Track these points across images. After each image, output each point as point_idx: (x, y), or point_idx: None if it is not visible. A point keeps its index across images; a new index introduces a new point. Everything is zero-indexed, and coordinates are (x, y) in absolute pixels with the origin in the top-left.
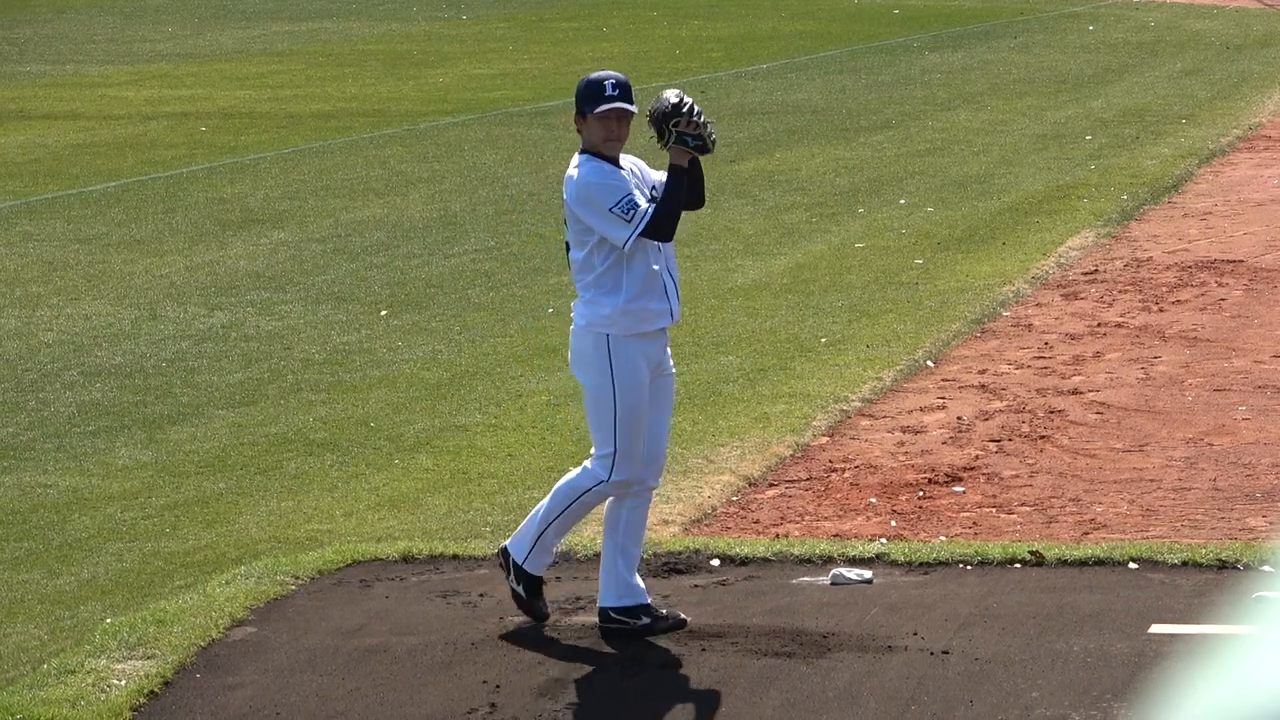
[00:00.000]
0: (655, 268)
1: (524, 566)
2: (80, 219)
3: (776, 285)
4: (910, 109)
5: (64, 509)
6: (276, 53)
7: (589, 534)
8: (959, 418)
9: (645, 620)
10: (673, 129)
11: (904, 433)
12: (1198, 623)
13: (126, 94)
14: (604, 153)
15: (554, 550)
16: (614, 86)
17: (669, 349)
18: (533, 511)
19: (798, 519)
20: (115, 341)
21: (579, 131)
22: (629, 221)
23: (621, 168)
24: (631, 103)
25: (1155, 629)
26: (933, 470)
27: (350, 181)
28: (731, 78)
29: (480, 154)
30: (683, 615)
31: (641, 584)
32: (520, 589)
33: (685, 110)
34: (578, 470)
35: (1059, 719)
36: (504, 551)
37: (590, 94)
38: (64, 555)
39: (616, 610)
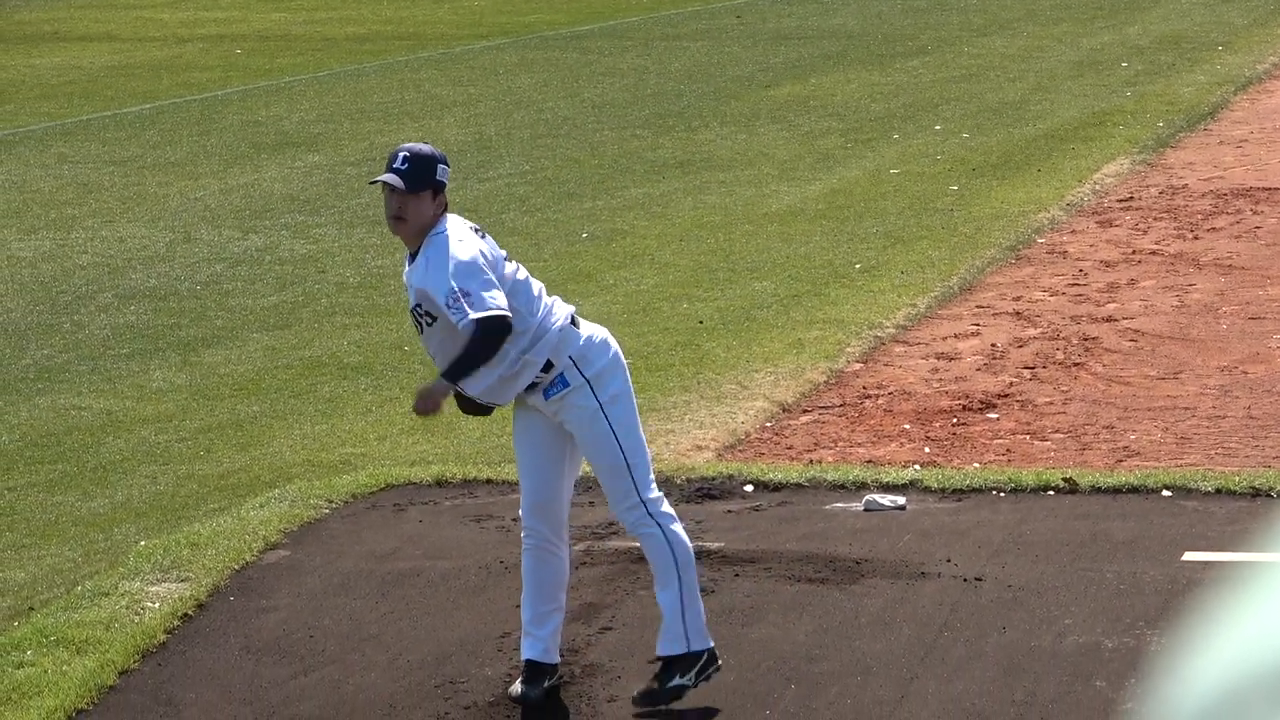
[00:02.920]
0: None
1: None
2: (115, 141)
3: (811, 211)
4: (946, 35)
5: (98, 431)
6: None
7: None
8: (993, 345)
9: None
10: None
11: (938, 359)
12: (1231, 550)
13: (162, 16)
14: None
15: (533, 630)
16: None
17: (563, 406)
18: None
19: (831, 445)
20: (150, 264)
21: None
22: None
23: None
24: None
25: (1188, 556)
26: (967, 397)
27: (385, 105)
28: (767, 2)
29: (515, 78)
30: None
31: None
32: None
33: None
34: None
35: (1091, 645)
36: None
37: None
38: (98, 478)
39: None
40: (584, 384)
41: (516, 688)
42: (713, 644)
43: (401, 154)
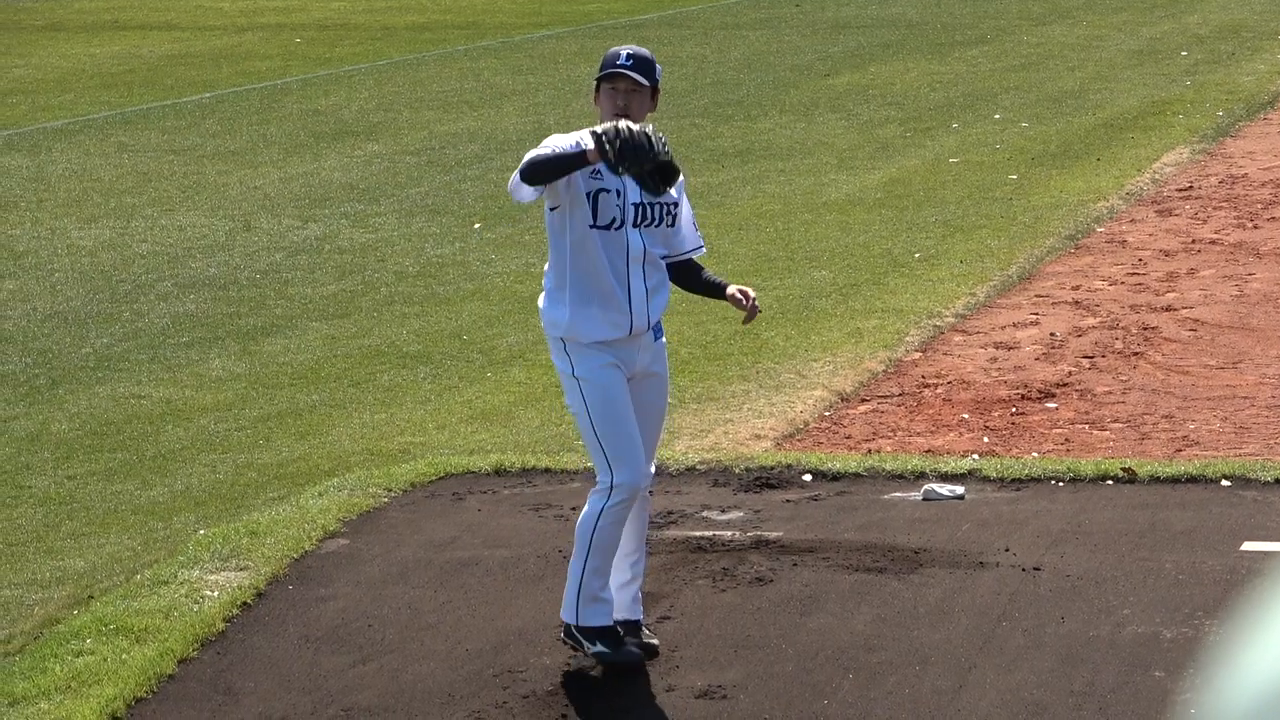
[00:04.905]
0: (609, 272)
1: (583, 625)
2: (175, 130)
3: (870, 200)
4: (1005, 23)
5: (157, 420)
6: None
7: (680, 448)
8: (1052, 334)
9: (600, 648)
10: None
11: (997, 348)
12: None
13: (222, 5)
14: None
15: (608, 596)
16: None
17: (660, 351)
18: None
19: (890, 434)
20: (209, 253)
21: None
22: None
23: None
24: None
25: (1247, 546)
26: (1025, 386)
27: (444, 94)
28: None
29: (575, 67)
30: (641, 651)
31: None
32: (602, 648)
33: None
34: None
35: (1150, 635)
36: (565, 628)
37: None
38: (157, 466)
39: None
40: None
41: (628, 648)
42: None
43: (625, 52)
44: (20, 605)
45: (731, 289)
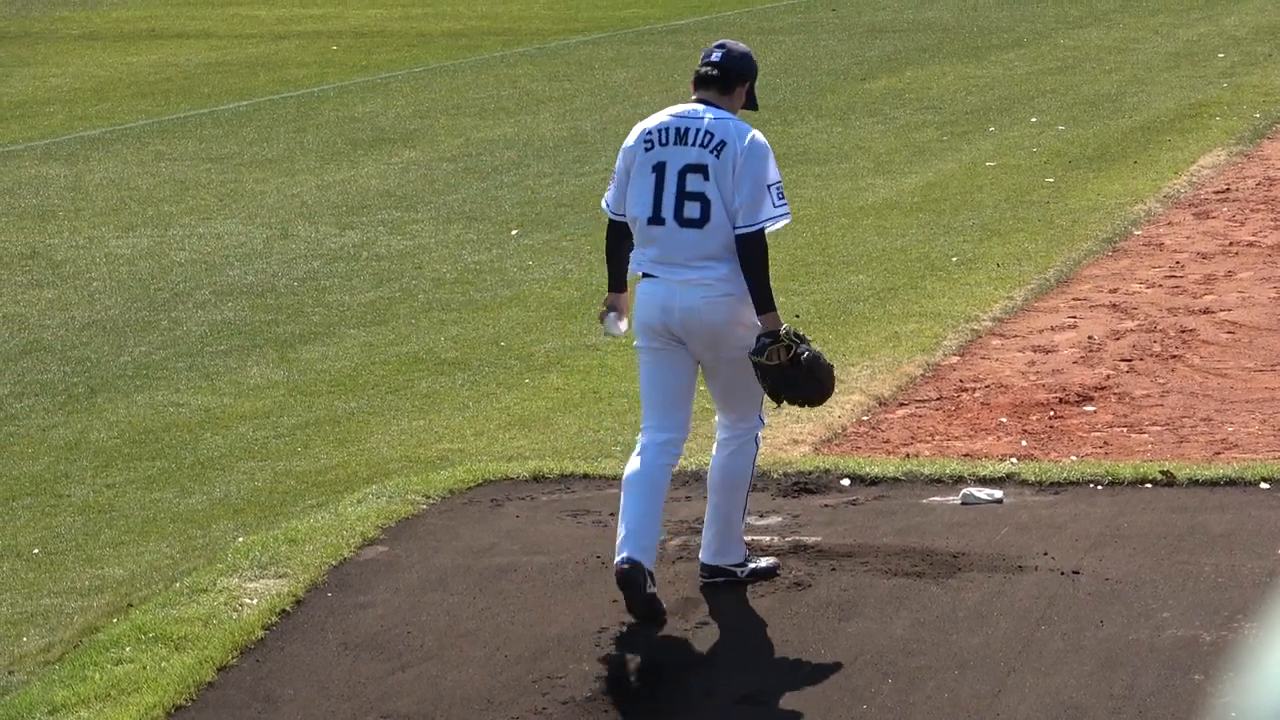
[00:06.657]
0: None
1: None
2: (212, 138)
3: (907, 204)
4: (1042, 27)
5: (196, 428)
6: None
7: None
8: (1090, 337)
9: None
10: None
11: (1035, 352)
12: None
13: (258, 13)
14: None
15: None
16: None
17: None
18: (712, 516)
19: (928, 438)
20: (247, 261)
21: (735, 97)
22: (779, 206)
23: None
24: None
25: None
26: (1064, 390)
27: (481, 100)
28: None
29: (611, 73)
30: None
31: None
32: (753, 567)
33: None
34: (730, 448)
35: (1189, 639)
36: (712, 569)
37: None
38: (196, 474)
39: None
40: None
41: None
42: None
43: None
44: (60, 613)
45: None
